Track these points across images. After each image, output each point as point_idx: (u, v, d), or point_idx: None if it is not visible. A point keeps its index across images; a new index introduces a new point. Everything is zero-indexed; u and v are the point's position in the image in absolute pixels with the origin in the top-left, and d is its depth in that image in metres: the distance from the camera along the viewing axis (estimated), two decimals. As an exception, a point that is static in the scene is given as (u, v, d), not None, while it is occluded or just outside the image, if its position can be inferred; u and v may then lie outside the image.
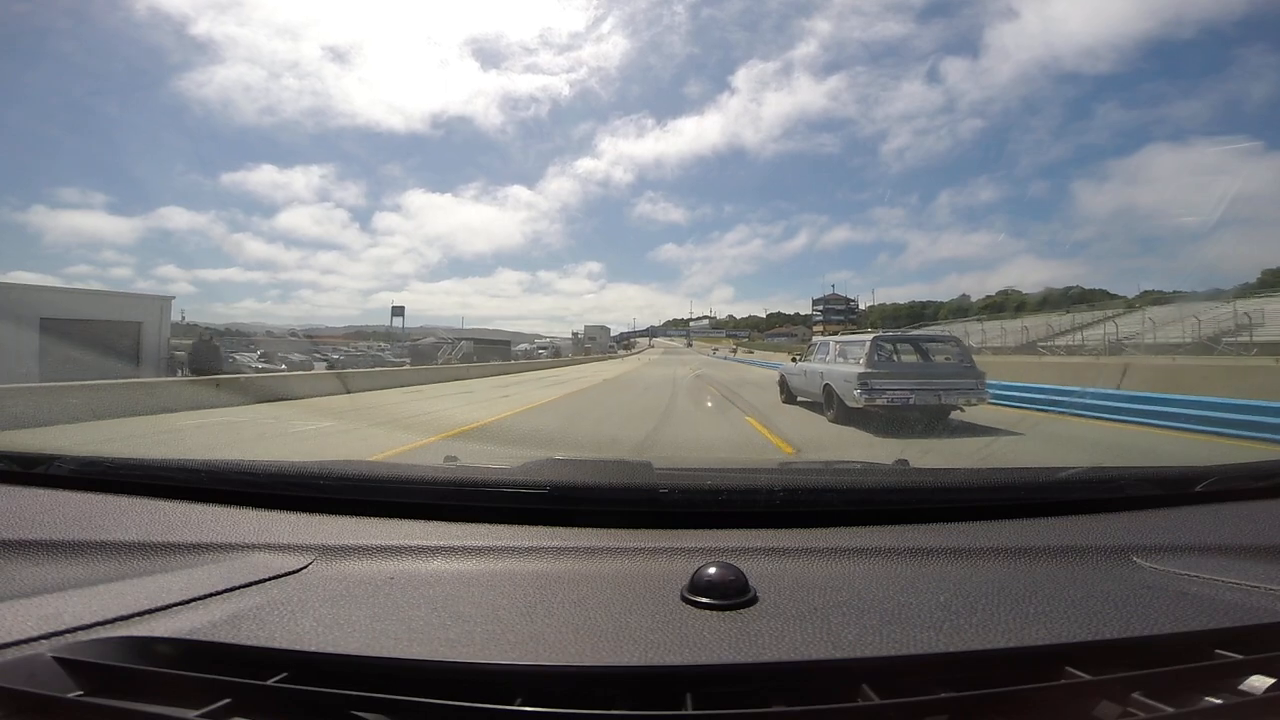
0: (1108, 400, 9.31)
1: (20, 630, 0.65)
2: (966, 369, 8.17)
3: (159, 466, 1.21)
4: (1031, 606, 0.75)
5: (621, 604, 0.75)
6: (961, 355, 8.58)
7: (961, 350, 8.74)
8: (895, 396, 7.53)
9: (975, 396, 7.87)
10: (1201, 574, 0.84)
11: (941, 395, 7.74)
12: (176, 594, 0.75)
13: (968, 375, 8.01)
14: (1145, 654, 0.64)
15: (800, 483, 1.17)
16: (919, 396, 7.60)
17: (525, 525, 0.99)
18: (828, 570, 0.85)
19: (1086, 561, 0.89)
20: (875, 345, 8.07)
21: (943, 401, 7.78)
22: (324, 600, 0.75)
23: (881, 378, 7.64)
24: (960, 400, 7.84)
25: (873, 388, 7.52)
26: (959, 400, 7.83)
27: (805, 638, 0.67)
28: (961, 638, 0.68)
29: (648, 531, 0.97)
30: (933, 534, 0.98)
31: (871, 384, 7.53)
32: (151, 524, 0.99)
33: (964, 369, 8.18)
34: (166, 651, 0.63)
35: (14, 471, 1.18)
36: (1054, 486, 1.16)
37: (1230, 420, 7.09)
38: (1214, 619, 0.71)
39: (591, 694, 0.61)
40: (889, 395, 7.53)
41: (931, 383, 7.81)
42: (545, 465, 1.26)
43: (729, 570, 0.76)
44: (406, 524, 0.99)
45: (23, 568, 0.85)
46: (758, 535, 0.96)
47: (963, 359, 8.47)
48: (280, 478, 1.13)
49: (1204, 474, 1.15)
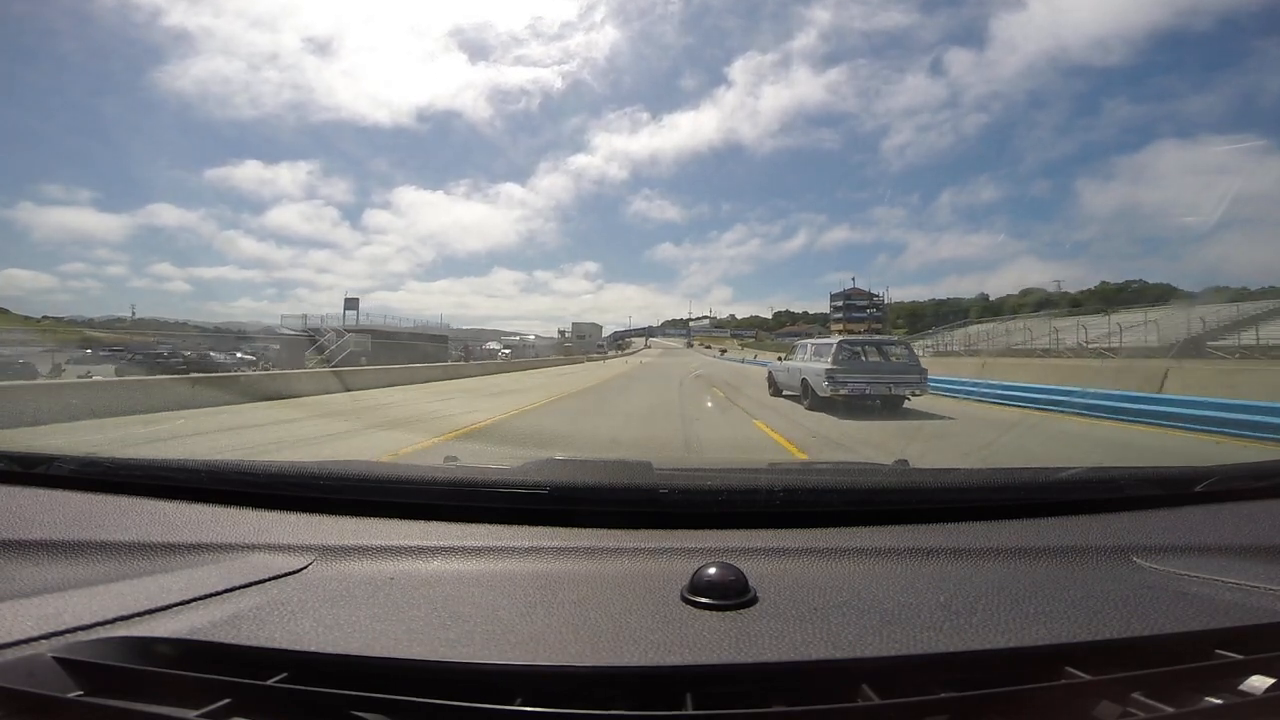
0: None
1: (20, 630, 0.65)
2: (912, 367, 10.49)
3: (159, 466, 1.21)
4: (1031, 606, 0.75)
5: (621, 604, 0.75)
6: (909, 356, 11.02)
7: (909, 352, 11.28)
8: (855, 387, 9.65)
9: (918, 388, 10.17)
10: (1201, 574, 0.84)
11: (891, 387, 10.01)
12: (176, 594, 0.75)
13: (913, 371, 10.31)
14: (1145, 654, 0.64)
15: (800, 483, 1.17)
16: (874, 387, 9.85)
17: (525, 525, 0.99)
18: (828, 570, 0.85)
19: (1086, 561, 0.89)
20: (840, 346, 10.27)
21: (892, 392, 10.03)
22: (324, 600, 0.75)
23: (844, 373, 9.73)
24: (906, 391, 10.08)
25: (837, 380, 9.63)
26: (905, 391, 10.07)
27: (805, 638, 0.67)
28: (961, 638, 0.68)
29: (648, 532, 0.97)
30: (933, 534, 0.98)
31: (836, 377, 9.65)
32: (151, 524, 0.99)
33: (910, 367, 10.49)
34: (166, 651, 0.63)
35: (14, 471, 1.18)
36: (1054, 486, 1.16)
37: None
38: (1214, 619, 0.71)
39: (591, 694, 0.61)
40: (850, 386, 9.64)
41: (884, 377, 10.09)
42: (545, 465, 1.26)
43: (729, 570, 0.76)
44: (406, 524, 0.99)
45: (23, 568, 0.85)
46: (758, 535, 0.96)
47: (910, 359, 10.87)
48: (280, 478, 1.13)
49: (1204, 474, 1.15)
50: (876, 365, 10.62)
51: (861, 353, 10.94)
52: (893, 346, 11.90)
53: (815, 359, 10.71)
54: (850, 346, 10.74)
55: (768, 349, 76.65)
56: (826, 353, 10.28)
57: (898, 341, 13.13)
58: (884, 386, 9.93)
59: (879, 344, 12.10)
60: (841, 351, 10.09)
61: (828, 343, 10.77)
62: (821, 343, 11.22)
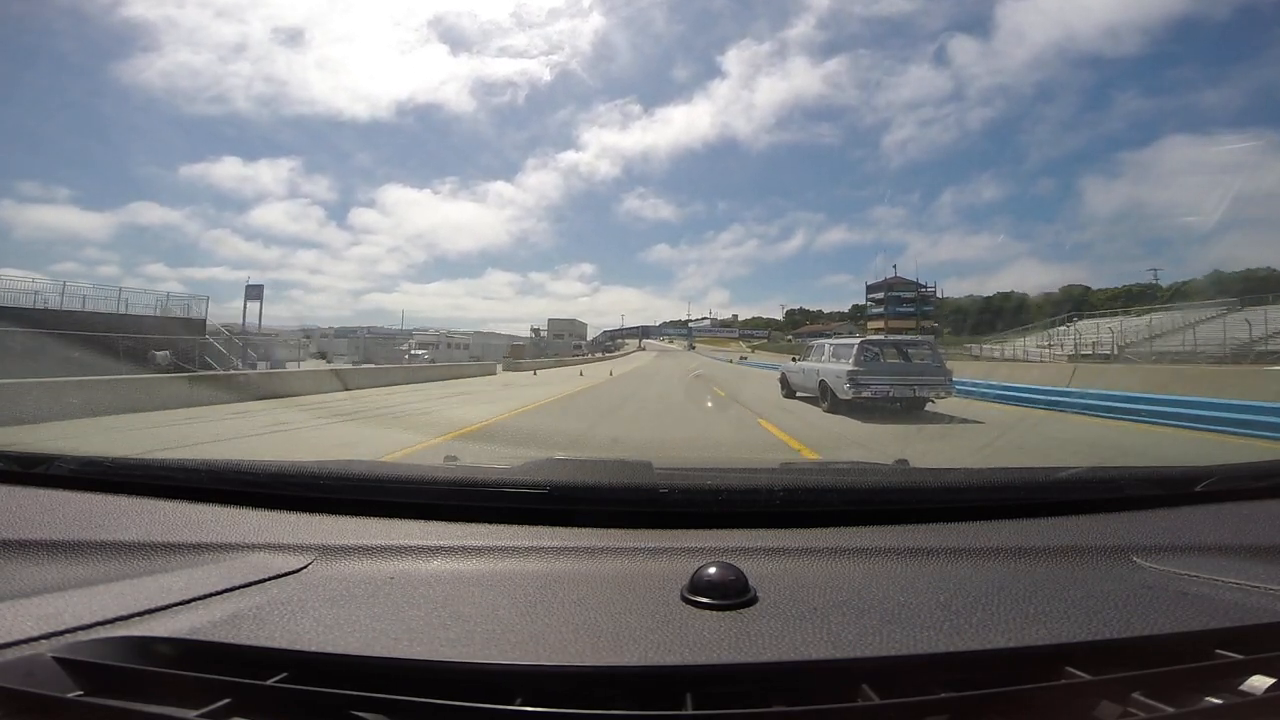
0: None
1: (20, 630, 0.65)
2: (938, 368, 9.92)
3: (159, 466, 1.21)
4: (1031, 606, 0.75)
5: (621, 604, 0.75)
6: (934, 357, 10.35)
7: (934, 353, 10.60)
8: (878, 390, 9.20)
9: (944, 390, 9.64)
10: (1201, 574, 0.84)
11: (915, 389, 9.52)
12: (176, 594, 0.75)
13: (938, 374, 9.77)
14: (1145, 654, 0.64)
15: (800, 483, 1.17)
16: (897, 390, 9.37)
17: (525, 525, 0.99)
18: (828, 570, 0.85)
19: (1086, 561, 0.89)
20: (862, 348, 9.78)
21: (916, 394, 9.54)
22: (324, 600, 0.75)
23: (867, 374, 9.29)
24: (930, 393, 9.59)
25: (860, 382, 9.18)
26: (930, 394, 9.59)
27: (805, 638, 0.67)
28: (961, 638, 0.68)
29: (648, 531, 0.97)
30: (933, 534, 0.98)
31: (859, 379, 9.20)
32: (151, 524, 0.99)
33: (935, 368, 9.92)
34: (166, 651, 0.63)
35: (14, 471, 1.18)
36: (1054, 486, 1.16)
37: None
38: (1214, 619, 0.71)
39: (591, 694, 0.61)
40: (873, 389, 9.18)
41: (908, 379, 9.61)
42: (545, 465, 1.26)
43: (729, 570, 0.76)
44: (406, 524, 0.99)
45: (23, 568, 0.85)
46: (758, 535, 0.96)
47: (935, 360, 10.21)
48: (280, 478, 1.13)
49: (1204, 474, 1.15)
50: (900, 367, 10.12)
51: (883, 354, 10.47)
52: (917, 347, 11.42)
53: (834, 360, 10.32)
54: (872, 347, 10.39)
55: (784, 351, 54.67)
56: (847, 354, 9.89)
57: (924, 341, 12.67)
58: (908, 389, 9.50)
59: (903, 345, 11.63)
60: (864, 353, 9.72)
61: (848, 343, 10.40)
62: (841, 343, 10.86)
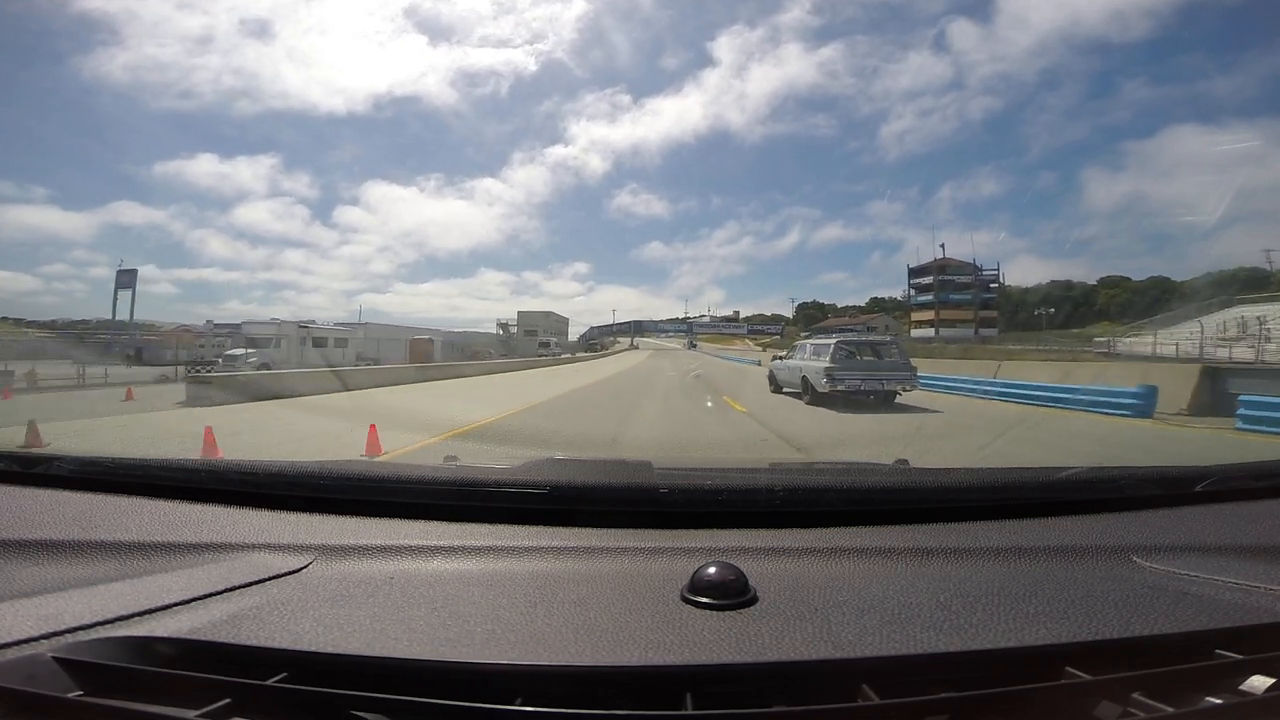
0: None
1: (20, 630, 0.65)
2: (904, 364, 11.63)
3: (159, 466, 1.21)
4: (1031, 606, 0.75)
5: (621, 604, 0.75)
6: (901, 354, 12.13)
7: (901, 351, 12.39)
8: (851, 384, 10.84)
9: (909, 384, 11.46)
10: (1201, 574, 0.84)
11: (884, 383, 11.28)
12: (176, 594, 0.75)
13: (904, 369, 11.52)
14: (1145, 654, 0.64)
15: (800, 483, 1.17)
16: (868, 384, 11.09)
17: (525, 525, 0.99)
18: (827, 570, 0.85)
19: (1086, 561, 0.89)
20: (837, 346, 11.46)
21: (885, 388, 11.30)
22: (324, 600, 0.75)
23: (841, 370, 10.89)
24: (898, 386, 11.36)
25: (835, 377, 10.76)
26: (897, 386, 11.36)
27: (805, 638, 0.67)
28: (961, 638, 0.68)
29: (648, 531, 0.97)
30: (933, 534, 0.98)
31: (834, 375, 10.78)
32: (151, 524, 0.99)
33: (902, 364, 11.62)
34: (166, 651, 0.63)
35: (14, 471, 1.18)
36: (1054, 486, 1.16)
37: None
38: (1214, 619, 0.71)
39: (592, 694, 0.61)
40: (846, 383, 10.80)
41: (878, 374, 11.30)
42: (545, 465, 1.26)
43: (729, 570, 0.76)
44: (406, 524, 0.99)
45: (23, 568, 0.85)
46: (758, 535, 0.96)
47: (901, 357, 11.96)
48: (280, 478, 1.13)
49: (1204, 474, 1.15)
50: (871, 364, 11.64)
51: (857, 352, 12.02)
52: (885, 345, 12.98)
53: (814, 358, 11.77)
54: (846, 346, 11.96)
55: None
56: (825, 352, 11.46)
57: (892, 341, 14.36)
58: (877, 383, 11.17)
59: (873, 344, 13.30)
60: (839, 351, 11.33)
61: (825, 343, 12.07)
62: (820, 343, 12.56)
